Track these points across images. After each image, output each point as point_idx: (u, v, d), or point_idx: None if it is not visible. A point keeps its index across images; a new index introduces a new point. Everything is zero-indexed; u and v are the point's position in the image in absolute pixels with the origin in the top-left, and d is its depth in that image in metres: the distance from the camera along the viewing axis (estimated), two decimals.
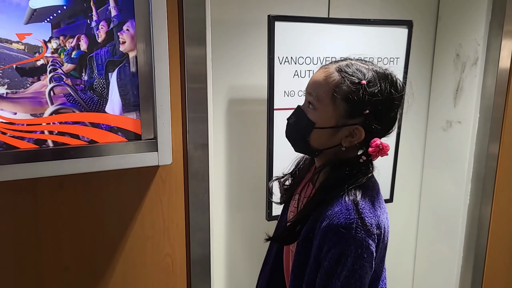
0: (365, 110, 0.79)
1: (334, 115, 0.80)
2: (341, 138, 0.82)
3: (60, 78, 0.99)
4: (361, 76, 0.79)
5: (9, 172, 0.96)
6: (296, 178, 1.01)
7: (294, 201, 0.97)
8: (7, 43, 0.92)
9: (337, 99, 0.79)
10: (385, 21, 1.49)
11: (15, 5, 0.92)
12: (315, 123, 0.82)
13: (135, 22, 1.03)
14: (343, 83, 0.79)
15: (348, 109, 0.79)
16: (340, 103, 0.79)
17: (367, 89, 0.78)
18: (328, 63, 0.86)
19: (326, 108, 0.81)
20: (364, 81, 0.78)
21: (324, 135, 0.82)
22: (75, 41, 0.98)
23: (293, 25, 1.36)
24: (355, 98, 0.78)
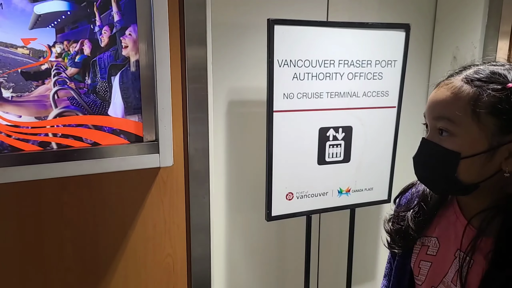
0: None
1: (483, 136, 0.65)
2: (500, 162, 0.66)
3: (64, 82, 1.01)
4: (502, 79, 0.65)
5: (14, 174, 0.98)
6: (426, 215, 0.81)
7: (426, 246, 0.79)
8: (12, 48, 0.95)
9: (481, 115, 0.64)
10: (383, 24, 1.52)
11: (20, 11, 0.94)
12: (461, 153, 0.66)
13: (137, 27, 1.06)
14: (483, 93, 0.64)
15: (501, 123, 0.64)
16: (487, 119, 0.64)
17: None
18: (448, 77, 0.70)
19: (468, 130, 0.65)
20: (511, 83, 0.64)
21: (477, 164, 0.66)
22: (78, 45, 1.00)
23: (292, 28, 1.38)
24: (506, 107, 0.63)
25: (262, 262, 1.80)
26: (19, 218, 1.10)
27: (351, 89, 1.50)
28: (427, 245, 0.79)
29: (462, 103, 0.65)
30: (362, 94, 1.52)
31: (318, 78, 1.45)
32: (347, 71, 1.49)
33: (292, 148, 1.45)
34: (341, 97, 1.50)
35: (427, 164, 0.72)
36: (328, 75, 1.47)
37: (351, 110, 1.52)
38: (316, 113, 1.46)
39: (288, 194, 1.48)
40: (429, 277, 0.77)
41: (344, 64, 1.48)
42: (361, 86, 1.51)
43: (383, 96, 1.56)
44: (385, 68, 1.55)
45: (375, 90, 1.54)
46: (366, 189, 1.60)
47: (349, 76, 1.50)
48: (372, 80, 1.53)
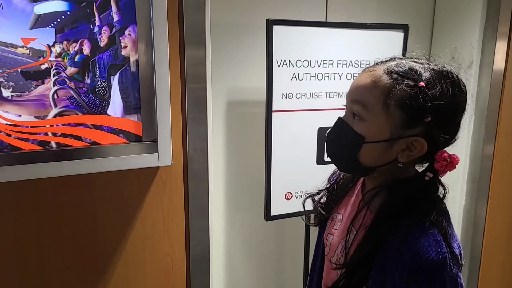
0: (426, 118, 0.66)
1: (387, 126, 0.68)
2: (397, 153, 0.70)
3: (63, 82, 1.01)
4: (417, 77, 0.67)
5: (13, 173, 0.99)
6: (335, 195, 0.87)
7: (334, 221, 0.85)
8: (12, 48, 0.95)
9: (391, 106, 0.67)
10: (382, 25, 1.52)
11: (20, 11, 0.94)
12: (365, 137, 0.69)
13: (136, 27, 1.06)
14: (396, 87, 0.67)
15: (405, 118, 0.67)
16: (394, 111, 0.67)
17: (426, 92, 0.65)
18: (373, 65, 0.73)
19: (377, 118, 0.68)
20: (422, 82, 0.66)
21: (377, 150, 0.70)
22: (78, 45, 1.01)
23: (291, 29, 1.38)
24: (413, 103, 0.66)
25: (261, 262, 1.80)
26: (18, 218, 1.10)
27: None
28: (335, 221, 0.85)
29: (377, 92, 0.68)
30: None
31: (317, 78, 1.46)
32: (345, 71, 1.50)
33: (291, 148, 1.45)
34: (339, 97, 1.50)
35: (336, 142, 0.75)
36: (327, 75, 1.48)
37: None
38: (315, 113, 1.47)
39: (287, 193, 1.48)
40: (330, 249, 0.83)
41: (343, 64, 1.49)
42: None
43: None
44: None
45: None
46: None
47: (347, 76, 1.51)
48: None
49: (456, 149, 1.86)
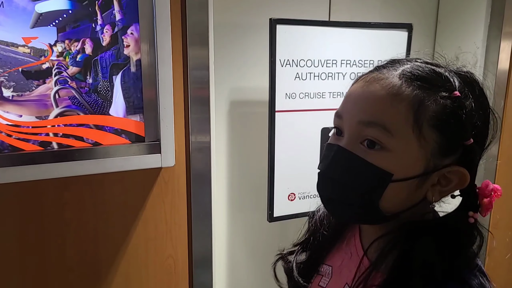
0: (467, 140, 0.50)
1: (422, 155, 0.50)
2: (426, 190, 0.52)
3: (65, 81, 1.00)
4: (449, 84, 0.50)
5: (14, 174, 0.97)
6: (318, 243, 0.67)
7: (320, 275, 0.66)
8: (13, 47, 0.94)
9: (424, 127, 0.49)
10: (385, 24, 1.51)
11: (21, 9, 0.93)
12: (393, 174, 0.49)
13: (139, 25, 1.05)
14: (428, 99, 0.49)
15: (443, 141, 0.50)
16: (429, 133, 0.49)
17: (464, 103, 0.49)
18: (376, 70, 0.54)
19: (406, 144, 0.50)
20: (457, 91, 0.50)
21: (406, 190, 0.51)
22: (80, 44, 1.00)
23: (294, 28, 1.37)
24: (451, 121, 0.49)
25: (264, 263, 1.78)
26: (20, 219, 1.09)
27: None
28: (321, 275, 0.66)
29: (402, 108, 0.49)
30: None
31: (320, 78, 1.44)
32: (349, 71, 1.49)
33: (294, 148, 1.44)
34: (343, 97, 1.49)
35: (341, 182, 0.53)
36: (331, 75, 1.46)
37: None
38: (318, 113, 1.46)
39: (290, 194, 1.47)
40: None
41: (347, 64, 1.48)
42: None
43: None
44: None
45: None
46: None
47: (351, 76, 1.49)
48: None
49: None
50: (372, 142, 0.50)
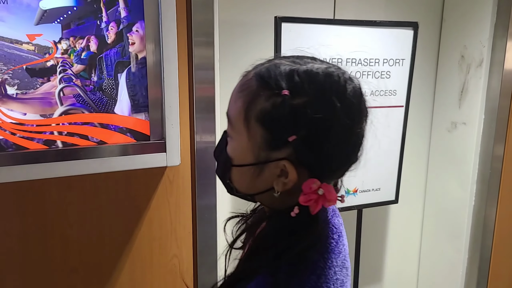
0: (290, 136, 0.52)
1: (251, 147, 0.55)
2: (272, 179, 0.55)
3: (69, 79, 0.99)
4: (282, 83, 0.52)
5: (18, 173, 0.96)
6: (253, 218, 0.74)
7: None
8: (17, 44, 0.92)
9: (251, 122, 0.54)
10: (391, 22, 1.50)
11: (25, 6, 0.92)
12: (232, 159, 0.58)
13: (144, 23, 1.04)
14: (258, 96, 0.53)
15: (268, 136, 0.53)
16: (255, 128, 0.54)
17: (291, 101, 0.51)
18: (251, 68, 0.59)
19: (240, 136, 0.56)
20: (286, 90, 0.51)
21: (247, 175, 0.57)
22: (85, 42, 0.98)
23: (299, 26, 1.36)
24: (275, 117, 0.52)
25: None
26: (23, 218, 1.08)
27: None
28: None
29: (240, 103, 0.55)
30: (370, 93, 1.50)
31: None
32: (354, 70, 1.47)
33: None
34: None
35: (217, 162, 0.64)
36: None
37: None
38: None
39: None
40: None
41: (352, 62, 1.47)
42: (369, 85, 1.49)
43: (391, 95, 1.54)
44: (393, 67, 1.53)
45: (383, 89, 1.52)
46: (373, 189, 1.58)
47: (356, 74, 1.48)
48: (379, 78, 1.51)
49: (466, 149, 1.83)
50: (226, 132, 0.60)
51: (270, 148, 0.54)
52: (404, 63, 1.54)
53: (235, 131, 0.57)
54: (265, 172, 0.55)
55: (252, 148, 0.55)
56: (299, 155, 0.53)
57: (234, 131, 0.57)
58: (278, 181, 0.55)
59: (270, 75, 0.54)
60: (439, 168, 1.89)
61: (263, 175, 0.56)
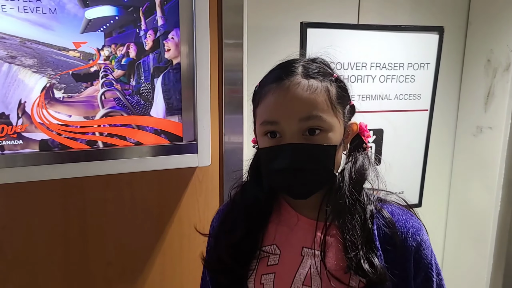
0: (350, 102, 0.73)
1: (340, 123, 0.70)
2: (342, 142, 0.72)
3: (110, 84, 1.05)
4: (330, 70, 0.72)
5: (63, 171, 1.03)
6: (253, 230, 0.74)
7: (266, 257, 0.72)
8: (64, 51, 1.00)
9: (335, 106, 0.69)
10: (416, 27, 1.51)
11: (72, 16, 0.99)
12: (334, 145, 0.68)
13: (179, 30, 1.09)
14: (329, 86, 0.69)
15: (343, 110, 0.71)
16: (338, 108, 0.69)
17: (340, 80, 0.72)
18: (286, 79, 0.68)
19: (332, 120, 0.68)
20: (335, 74, 0.71)
21: (341, 151, 0.72)
22: (125, 49, 1.05)
23: (324, 31, 1.39)
24: (343, 94, 0.71)
25: None
26: (66, 213, 1.15)
27: (382, 91, 1.50)
28: (266, 256, 0.72)
29: (322, 98, 0.67)
30: (394, 97, 1.52)
31: (349, 80, 1.46)
32: (379, 74, 1.50)
33: None
34: (372, 100, 1.50)
35: (305, 169, 0.67)
36: (360, 78, 1.48)
37: (382, 112, 1.52)
38: None
39: None
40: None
41: (376, 66, 1.49)
42: (393, 89, 1.51)
43: (415, 99, 1.56)
44: (418, 71, 1.55)
45: (407, 93, 1.54)
46: (396, 192, 1.59)
47: (380, 78, 1.50)
48: (404, 82, 1.53)
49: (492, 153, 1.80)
50: (312, 130, 0.67)
51: (346, 117, 0.71)
52: (429, 67, 1.55)
53: (327, 121, 0.67)
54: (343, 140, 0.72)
55: (341, 124, 0.70)
56: (353, 112, 0.74)
57: (326, 122, 0.67)
58: (344, 143, 0.72)
59: (320, 70, 0.70)
60: (463, 173, 1.88)
61: (342, 143, 0.72)
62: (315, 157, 0.67)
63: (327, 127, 0.67)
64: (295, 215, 0.74)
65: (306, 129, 0.66)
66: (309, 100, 0.66)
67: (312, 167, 0.67)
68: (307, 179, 0.68)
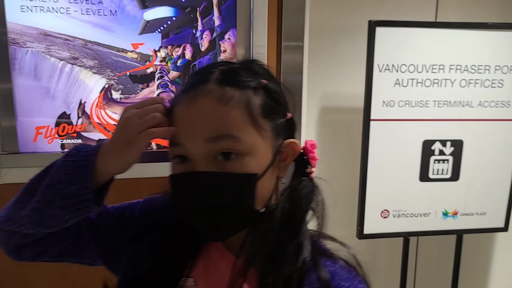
0: (287, 115, 0.55)
1: (267, 144, 0.53)
2: (276, 172, 0.56)
3: (166, 85, 1.05)
4: (255, 76, 0.54)
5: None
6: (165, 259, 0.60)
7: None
8: (123, 52, 1.01)
9: (259, 121, 0.52)
10: (505, 24, 1.32)
11: (132, 17, 1.00)
12: (255, 173, 0.52)
13: (236, 31, 1.05)
14: (249, 96, 0.52)
15: (273, 125, 0.54)
16: (264, 124, 0.53)
17: (272, 87, 0.55)
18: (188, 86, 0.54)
19: (254, 142, 0.52)
20: (263, 80, 0.54)
21: (269, 180, 0.54)
22: (181, 50, 1.04)
23: (396, 30, 1.27)
24: (273, 105, 0.54)
25: None
26: None
27: (463, 98, 1.32)
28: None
29: (237, 111, 0.51)
30: (477, 104, 1.33)
31: (424, 84, 1.31)
32: (459, 77, 1.32)
33: (390, 160, 1.32)
34: (451, 107, 1.33)
35: (214, 206, 0.52)
36: (436, 82, 1.32)
37: (462, 121, 1.34)
38: (420, 124, 1.32)
39: (384, 211, 1.35)
40: None
41: (456, 69, 1.32)
42: (476, 95, 1.33)
43: (503, 106, 1.35)
44: (507, 75, 1.34)
45: (493, 99, 1.34)
46: (477, 213, 1.39)
47: (461, 83, 1.33)
48: (490, 88, 1.33)
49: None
50: (226, 153, 0.51)
51: (277, 136, 0.55)
52: None
53: (244, 142, 0.51)
54: (275, 165, 0.55)
55: (268, 145, 0.54)
56: (293, 129, 0.57)
57: (244, 143, 0.51)
58: (280, 168, 0.57)
59: (241, 75, 0.54)
60: None
61: (274, 169, 0.55)
62: (227, 190, 0.51)
63: (245, 150, 0.51)
64: (221, 247, 0.59)
65: (217, 153, 0.51)
66: (219, 114, 0.51)
67: (224, 204, 0.52)
68: (218, 219, 0.53)
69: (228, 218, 0.53)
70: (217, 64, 0.56)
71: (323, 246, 0.58)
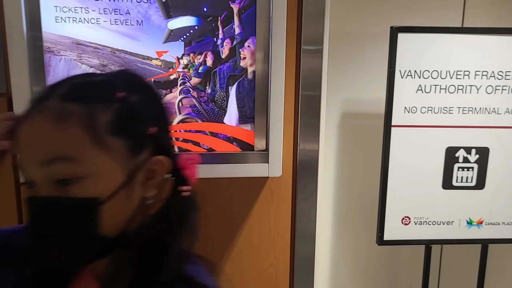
0: (150, 129, 0.51)
1: (116, 164, 0.49)
2: (140, 192, 0.52)
3: (187, 91, 1.09)
4: (110, 90, 0.50)
5: None
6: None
7: None
8: (148, 60, 1.07)
9: (105, 139, 0.48)
10: None
11: (157, 27, 1.05)
12: (98, 196, 0.48)
13: (255, 39, 1.09)
14: (94, 112, 0.48)
15: (129, 142, 0.50)
16: (113, 142, 0.48)
17: (131, 100, 0.50)
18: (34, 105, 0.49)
19: (98, 163, 0.48)
20: (120, 92, 0.50)
21: (120, 204, 0.50)
22: (202, 57, 1.08)
23: (419, 36, 1.25)
24: (127, 121, 0.49)
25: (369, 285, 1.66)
26: None
27: (489, 104, 1.29)
28: None
29: (76, 130, 0.46)
30: (504, 111, 1.30)
31: (447, 91, 1.29)
32: (485, 84, 1.29)
33: (412, 167, 1.31)
34: (476, 113, 1.30)
35: (50, 234, 0.48)
36: (461, 88, 1.29)
37: (489, 128, 1.30)
38: (443, 130, 1.30)
39: (405, 218, 1.34)
40: None
41: (482, 75, 1.29)
42: (504, 101, 1.29)
43: None
44: None
45: None
46: (504, 222, 1.34)
47: (488, 89, 1.29)
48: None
49: None
50: (63, 179, 0.47)
51: (135, 153, 0.50)
52: None
53: (84, 164, 0.47)
54: (135, 184, 0.51)
55: (119, 164, 0.49)
56: (163, 143, 0.53)
57: (83, 165, 0.47)
58: (147, 187, 0.52)
59: (90, 88, 0.50)
60: None
61: (134, 190, 0.51)
62: (67, 216, 0.47)
63: (84, 173, 0.47)
64: (89, 276, 0.56)
65: (54, 177, 0.47)
66: (53, 134, 0.46)
67: (62, 231, 0.48)
68: (56, 249, 0.48)
69: (70, 246, 0.49)
70: (73, 77, 0.52)
71: (190, 272, 0.54)
